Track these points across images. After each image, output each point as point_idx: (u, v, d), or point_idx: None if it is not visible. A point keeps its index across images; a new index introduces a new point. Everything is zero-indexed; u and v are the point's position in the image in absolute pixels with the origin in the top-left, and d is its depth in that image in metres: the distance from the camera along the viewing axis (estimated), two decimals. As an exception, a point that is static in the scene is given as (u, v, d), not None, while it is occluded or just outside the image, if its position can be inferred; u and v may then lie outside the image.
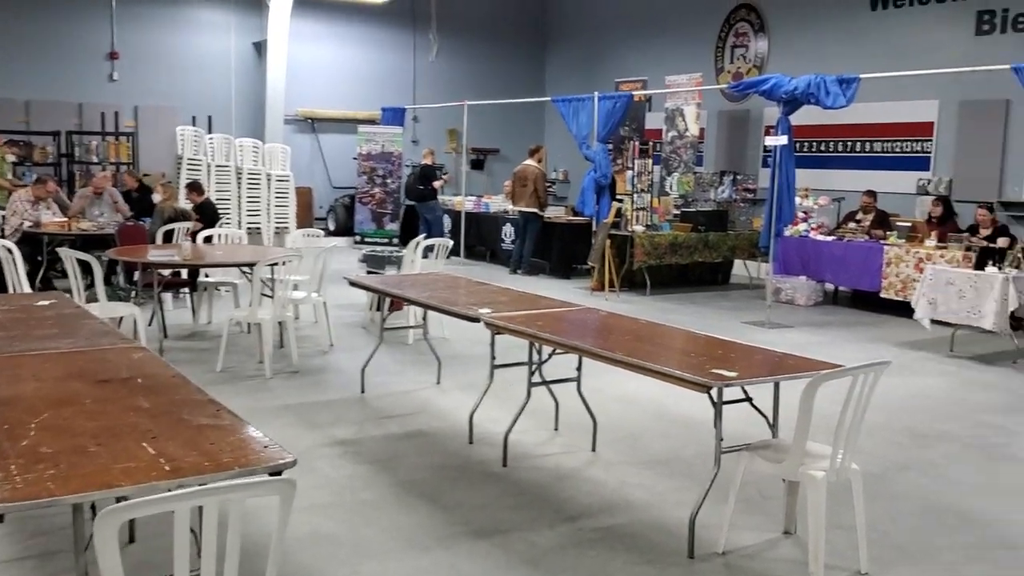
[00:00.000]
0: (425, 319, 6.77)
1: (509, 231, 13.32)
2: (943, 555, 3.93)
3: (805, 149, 13.09)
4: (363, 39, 16.83)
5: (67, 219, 9.37)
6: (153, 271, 7.39)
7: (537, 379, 4.94)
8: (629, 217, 11.26)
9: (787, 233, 10.25)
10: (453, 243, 10.26)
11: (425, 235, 9.91)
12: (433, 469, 4.81)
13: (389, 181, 15.62)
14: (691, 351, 4.25)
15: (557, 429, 5.49)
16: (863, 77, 8.71)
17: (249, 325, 7.79)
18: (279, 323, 7.20)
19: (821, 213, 11.37)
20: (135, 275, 7.29)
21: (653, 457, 5.12)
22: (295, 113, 16.20)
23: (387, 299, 6.45)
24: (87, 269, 6.70)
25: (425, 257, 8.36)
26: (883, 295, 9.63)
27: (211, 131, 14.87)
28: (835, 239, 10.43)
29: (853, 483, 3.68)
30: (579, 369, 5.14)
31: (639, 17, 16.26)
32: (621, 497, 4.48)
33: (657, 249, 11.04)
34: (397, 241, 14.55)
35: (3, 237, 8.35)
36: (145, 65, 14.87)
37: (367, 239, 15.20)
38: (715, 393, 3.63)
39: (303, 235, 9.60)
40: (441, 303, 5.39)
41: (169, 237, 8.68)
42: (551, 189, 15.21)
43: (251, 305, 6.79)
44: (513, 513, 4.24)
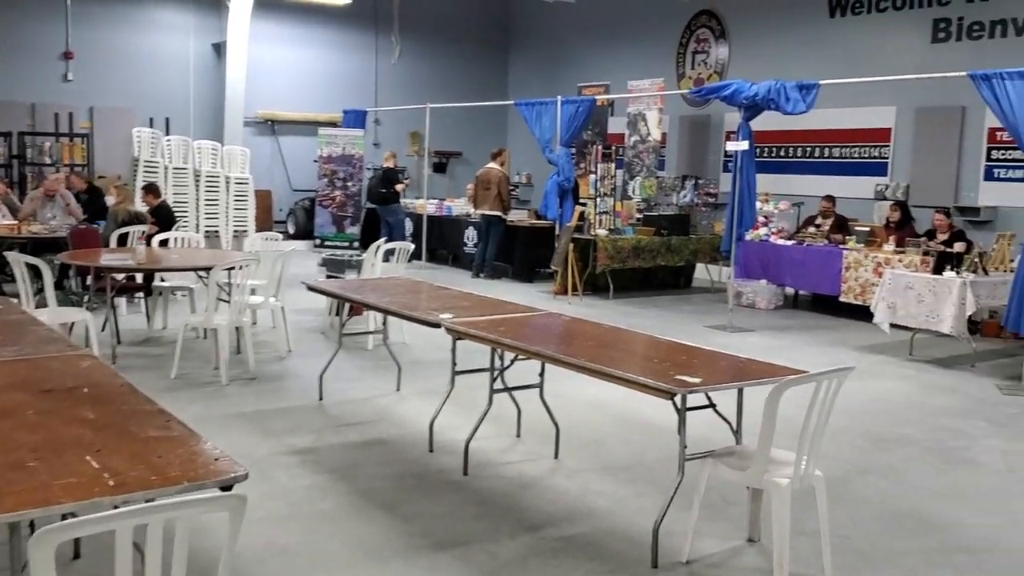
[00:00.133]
0: (385, 324, 6.68)
1: (472, 235, 13.25)
2: (905, 560, 3.93)
3: (765, 154, 13.18)
4: (324, 41, 16.67)
5: (17, 222, 9.14)
6: (106, 275, 7.22)
7: (499, 385, 4.87)
8: (592, 221, 11.25)
9: (748, 237, 10.30)
10: (415, 247, 10.17)
11: (386, 239, 9.80)
12: (393, 478, 4.72)
13: (350, 184, 15.48)
14: (655, 357, 4.21)
15: (519, 436, 5.43)
16: (822, 83, 8.77)
17: (205, 330, 7.64)
18: (236, 328, 7.06)
19: (781, 218, 11.45)
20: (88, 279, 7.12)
21: (616, 463, 5.08)
22: (255, 115, 16.00)
23: (346, 304, 6.35)
24: (38, 273, 6.52)
25: (386, 261, 8.26)
26: (842, 299, 9.70)
27: (169, 133, 14.64)
28: (795, 243, 10.49)
29: (817, 490, 3.66)
30: (542, 375, 5.08)
31: (602, 22, 16.28)
32: (584, 505, 4.43)
33: (620, 253, 11.03)
34: (358, 245, 14.42)
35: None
36: (101, 65, 14.60)
37: (327, 242, 15.04)
38: (679, 400, 3.59)
39: (262, 238, 9.45)
40: (401, 308, 5.30)
41: (124, 241, 8.50)
42: (514, 193, 15.16)
43: (207, 310, 6.65)
44: (474, 523, 4.17)
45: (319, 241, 15.29)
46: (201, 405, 5.95)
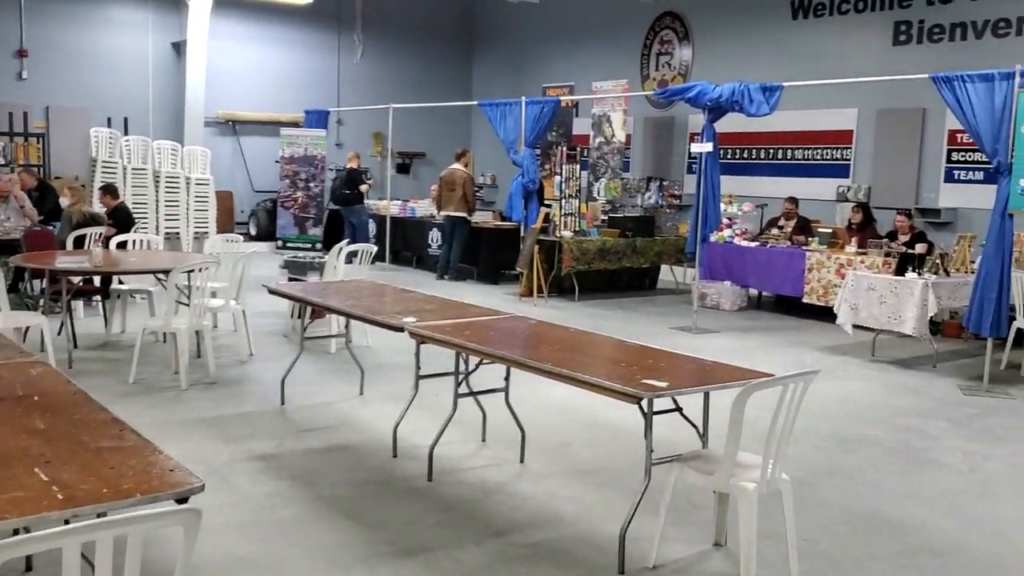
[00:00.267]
0: (348, 327, 6.59)
1: (436, 236, 13.17)
2: (872, 564, 3.92)
3: (729, 156, 13.24)
4: (286, 40, 16.49)
5: (-31, 224, 8.91)
6: (63, 278, 7.06)
7: (464, 390, 4.81)
8: (557, 222, 11.22)
9: (712, 239, 10.32)
10: (378, 248, 10.07)
11: (350, 240, 9.69)
12: (356, 485, 4.65)
13: (312, 185, 15.33)
14: (621, 360, 4.18)
15: (485, 441, 5.37)
16: (786, 85, 8.81)
17: (164, 334, 7.50)
18: (196, 332, 6.93)
19: (745, 219, 11.50)
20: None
21: (582, 467, 5.04)
22: (216, 115, 15.79)
23: (308, 307, 6.25)
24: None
25: (349, 263, 8.16)
26: (805, 300, 9.76)
27: (127, 133, 14.35)
28: (758, 245, 10.54)
29: (783, 493, 3.64)
30: (507, 379, 5.03)
31: (566, 23, 16.28)
32: (550, 510, 4.38)
33: (585, 255, 11.01)
34: (320, 246, 14.27)
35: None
36: (57, 64, 14.32)
37: (289, 244, 14.88)
38: (646, 404, 3.56)
39: (223, 240, 9.30)
40: (364, 312, 5.23)
41: (81, 243, 8.32)
42: (479, 194, 15.10)
43: (166, 313, 6.52)
44: (439, 530, 4.11)
45: (281, 243, 15.12)
46: (160, 411, 5.82)
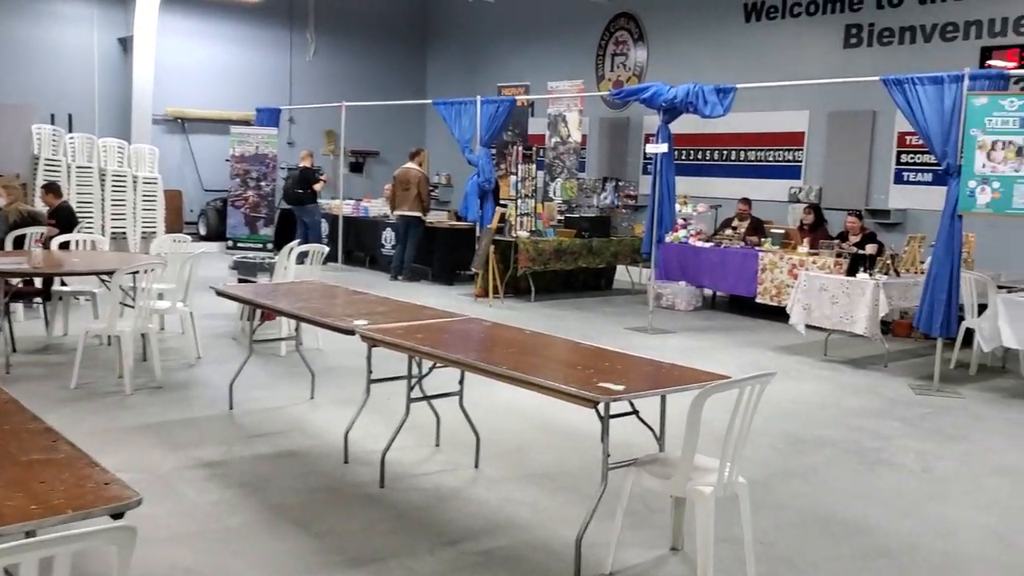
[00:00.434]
0: (298, 330, 6.44)
1: (389, 236, 13.03)
2: (828, 566, 3.91)
3: (684, 157, 13.28)
4: (237, 36, 16.22)
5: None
6: (0, 280, 6.82)
7: (417, 394, 4.71)
8: (513, 223, 11.15)
9: (668, 239, 10.33)
10: (330, 249, 9.92)
11: (302, 240, 9.53)
12: (306, 492, 4.53)
13: (263, 184, 15.10)
14: (577, 363, 4.12)
15: (438, 445, 5.28)
16: (739, 87, 8.83)
17: (108, 337, 7.29)
18: (141, 335, 6.74)
19: (699, 220, 11.54)
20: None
21: (537, 471, 4.97)
22: (164, 113, 15.48)
23: (258, 309, 6.10)
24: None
25: (300, 263, 8.01)
26: (759, 300, 9.81)
27: (72, 130, 14.00)
28: (713, 245, 10.58)
29: (740, 496, 3.60)
30: (461, 383, 4.94)
31: (521, 22, 16.23)
32: (505, 516, 4.31)
33: (541, 255, 10.96)
34: (272, 246, 14.05)
35: None
36: (-2, 58, 13.93)
37: (240, 244, 14.63)
38: (602, 408, 3.50)
39: (171, 240, 9.08)
40: (314, 314, 5.11)
41: (21, 243, 8.07)
42: (434, 193, 14.98)
43: (110, 316, 6.33)
44: (391, 538, 4.01)
45: (232, 243, 14.87)
46: (102, 416, 5.64)
